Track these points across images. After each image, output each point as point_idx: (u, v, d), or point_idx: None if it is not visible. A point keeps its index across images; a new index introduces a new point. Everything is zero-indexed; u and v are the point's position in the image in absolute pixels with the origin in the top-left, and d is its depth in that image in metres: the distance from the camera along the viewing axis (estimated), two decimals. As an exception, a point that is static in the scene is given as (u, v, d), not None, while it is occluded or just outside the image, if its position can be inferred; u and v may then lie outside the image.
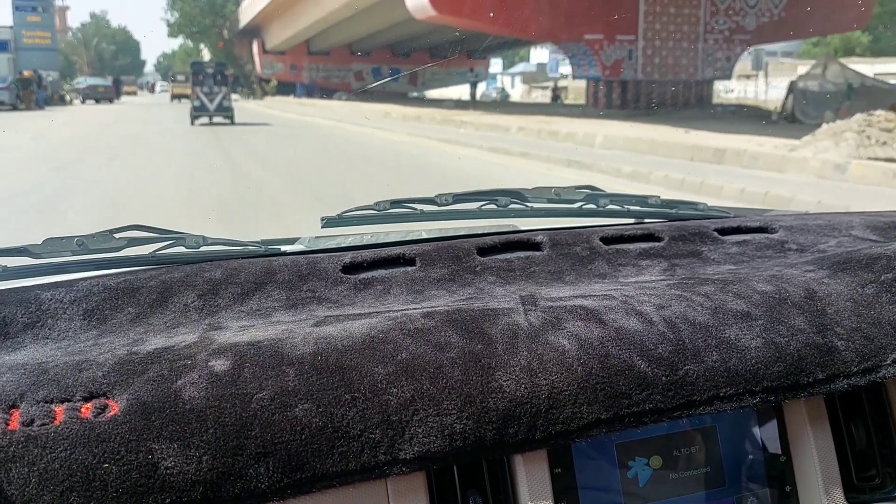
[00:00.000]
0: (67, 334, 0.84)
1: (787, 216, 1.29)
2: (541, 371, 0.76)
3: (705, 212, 1.32)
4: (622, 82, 19.95)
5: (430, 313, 0.82)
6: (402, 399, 0.71)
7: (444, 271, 1.01)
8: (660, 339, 0.81)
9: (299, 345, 0.75)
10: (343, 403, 0.70)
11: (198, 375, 0.70)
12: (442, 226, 1.25)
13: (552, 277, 1.02)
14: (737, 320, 0.85)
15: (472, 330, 0.79)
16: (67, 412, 0.66)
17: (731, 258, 1.11)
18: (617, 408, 0.76)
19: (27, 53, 35.15)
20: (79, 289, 0.90)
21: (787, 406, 0.89)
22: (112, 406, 0.67)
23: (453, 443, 0.71)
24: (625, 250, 1.10)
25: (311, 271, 0.98)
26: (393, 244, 1.11)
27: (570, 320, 0.82)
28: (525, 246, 1.10)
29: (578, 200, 1.26)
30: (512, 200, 1.22)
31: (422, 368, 0.74)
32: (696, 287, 0.92)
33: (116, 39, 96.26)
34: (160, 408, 0.67)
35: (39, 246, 0.97)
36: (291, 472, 0.67)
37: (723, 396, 0.80)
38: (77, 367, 0.71)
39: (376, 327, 0.79)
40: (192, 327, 0.85)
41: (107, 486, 0.62)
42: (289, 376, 0.71)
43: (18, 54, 33.85)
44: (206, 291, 0.92)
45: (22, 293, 0.89)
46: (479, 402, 0.73)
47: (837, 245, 1.13)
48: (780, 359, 0.83)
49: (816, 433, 0.89)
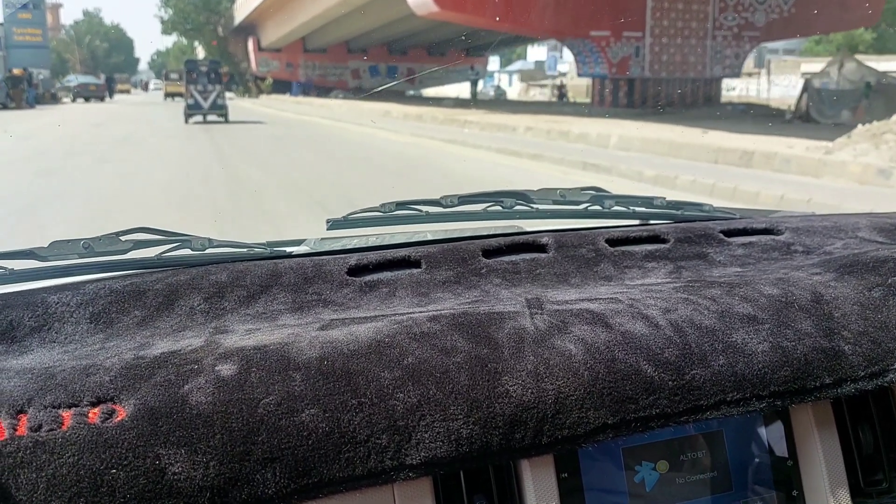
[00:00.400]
0: (74, 338, 0.85)
1: (793, 217, 1.29)
2: (547, 376, 0.76)
3: (711, 213, 1.32)
4: (629, 80, 19.41)
5: (436, 317, 0.83)
6: (408, 404, 0.71)
7: (449, 273, 1.02)
8: (666, 343, 0.82)
9: (305, 349, 0.76)
10: (350, 408, 0.70)
11: (204, 380, 0.70)
12: (447, 227, 1.25)
13: (558, 280, 1.03)
14: (743, 324, 0.86)
15: (478, 334, 0.80)
16: (75, 417, 0.66)
17: (737, 260, 1.11)
18: (623, 413, 0.76)
19: (18, 51, 34.48)
20: (85, 292, 0.91)
21: (793, 410, 0.90)
22: (119, 411, 0.67)
23: (460, 448, 0.72)
24: (630, 252, 1.11)
25: (316, 273, 0.98)
26: (398, 246, 1.12)
27: (577, 324, 0.83)
28: (531, 248, 1.11)
29: (584, 202, 1.27)
30: (517, 202, 1.23)
31: (428, 373, 0.74)
32: (703, 290, 0.92)
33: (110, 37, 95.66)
34: (167, 413, 0.67)
35: (45, 249, 0.98)
36: (298, 477, 0.67)
37: (730, 401, 0.80)
38: (84, 372, 0.72)
39: (382, 331, 0.79)
40: (198, 331, 0.85)
41: (114, 492, 0.63)
42: (295, 381, 0.71)
43: (9, 52, 33.27)
44: (212, 294, 0.92)
45: (28, 296, 0.90)
46: (485, 407, 0.73)
47: (844, 247, 1.13)
48: (786, 363, 0.83)
49: (823, 437, 0.90)
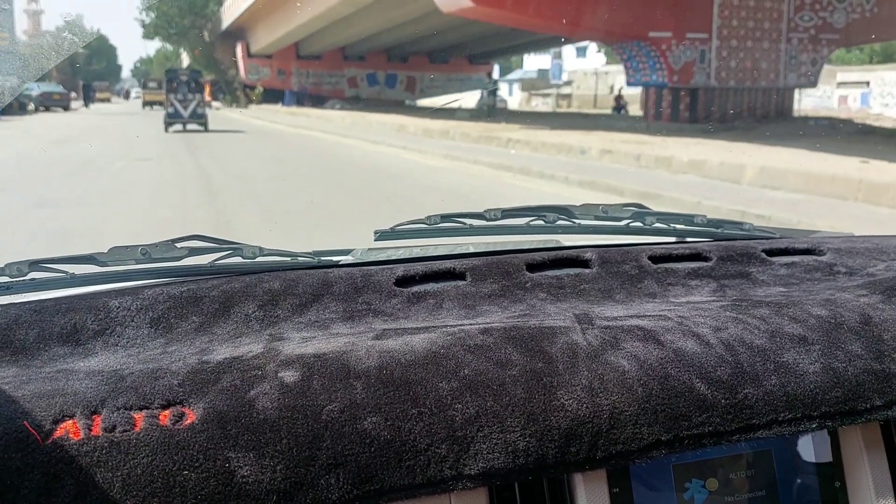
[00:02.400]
0: (136, 342, 0.86)
1: (834, 238, 1.30)
2: (602, 391, 0.76)
3: (751, 232, 1.32)
4: (691, 90, 16.43)
5: (488, 329, 0.84)
6: (466, 415, 0.72)
7: (494, 286, 1.03)
8: (718, 361, 0.82)
9: (363, 358, 0.77)
10: (410, 417, 0.71)
11: (269, 386, 0.72)
12: (490, 240, 1.27)
13: (602, 296, 1.03)
14: (794, 344, 0.86)
15: (531, 348, 0.80)
16: (147, 419, 0.67)
17: (781, 280, 1.11)
18: (677, 429, 0.77)
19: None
20: (144, 297, 0.92)
21: (842, 431, 0.90)
22: (189, 414, 0.68)
23: (516, 460, 0.72)
24: (673, 269, 1.11)
25: (365, 283, 0.99)
26: (443, 258, 1.13)
27: (628, 340, 0.83)
28: (574, 263, 1.11)
29: (625, 218, 1.27)
30: (559, 216, 1.25)
31: (485, 385, 0.75)
32: (751, 310, 0.92)
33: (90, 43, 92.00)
34: (235, 417, 0.68)
35: (105, 254, 1.00)
36: (361, 483, 0.68)
37: (782, 421, 0.80)
38: (152, 376, 0.72)
39: (436, 342, 0.80)
40: (254, 337, 0.87)
41: (186, 493, 0.64)
42: (356, 389, 0.72)
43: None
44: (265, 302, 0.94)
45: (90, 300, 0.91)
46: (541, 421, 0.73)
47: (887, 269, 1.14)
48: (838, 384, 0.83)
49: (872, 460, 0.90)
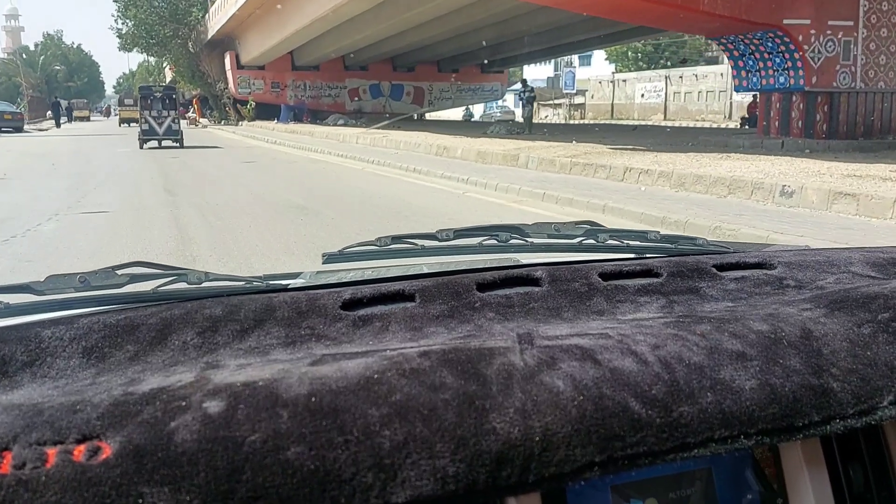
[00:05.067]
0: (66, 373, 0.85)
1: (786, 252, 1.29)
2: (535, 412, 0.76)
3: (705, 247, 1.32)
4: (830, 94, 12.60)
5: (427, 352, 0.84)
6: (394, 441, 0.72)
7: (443, 307, 1.02)
8: (655, 379, 0.82)
9: (294, 385, 0.76)
10: (335, 446, 0.70)
11: (191, 417, 0.70)
12: (443, 261, 1.25)
13: (550, 314, 1.03)
14: (732, 361, 0.86)
15: (467, 370, 0.80)
16: (60, 455, 0.66)
17: (729, 295, 1.10)
18: (611, 450, 0.77)
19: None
20: (79, 326, 0.92)
21: (783, 448, 0.91)
22: (105, 449, 0.67)
23: (446, 486, 0.71)
24: (623, 286, 1.10)
25: (310, 308, 0.99)
26: (393, 279, 1.11)
27: (566, 360, 0.83)
28: (524, 281, 1.11)
29: (578, 236, 1.29)
30: (512, 235, 1.25)
31: (415, 410, 0.74)
32: (692, 326, 0.93)
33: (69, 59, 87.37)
34: (152, 451, 0.67)
35: (42, 283, 0.99)
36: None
37: (717, 438, 0.81)
38: (72, 409, 0.71)
39: (372, 367, 0.80)
40: (189, 366, 0.86)
41: None
42: (282, 418, 0.71)
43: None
44: (205, 329, 0.93)
45: (23, 330, 0.91)
46: (472, 445, 0.73)
47: (836, 282, 1.13)
48: (775, 400, 0.84)
49: (813, 475, 0.90)
